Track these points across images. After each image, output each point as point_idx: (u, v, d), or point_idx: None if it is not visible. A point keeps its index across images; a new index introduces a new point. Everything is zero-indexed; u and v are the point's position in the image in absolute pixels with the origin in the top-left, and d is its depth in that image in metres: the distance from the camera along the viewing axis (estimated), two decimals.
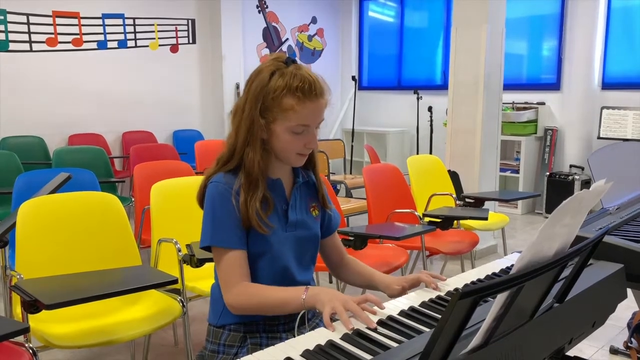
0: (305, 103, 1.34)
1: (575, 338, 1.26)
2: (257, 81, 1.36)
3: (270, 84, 1.34)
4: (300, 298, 1.30)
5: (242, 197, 1.36)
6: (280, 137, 1.37)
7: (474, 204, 3.30)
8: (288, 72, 1.34)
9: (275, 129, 1.37)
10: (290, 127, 1.36)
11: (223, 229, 1.36)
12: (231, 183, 1.38)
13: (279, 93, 1.33)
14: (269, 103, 1.35)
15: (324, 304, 1.25)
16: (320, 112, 1.38)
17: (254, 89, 1.36)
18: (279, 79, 1.34)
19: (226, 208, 1.36)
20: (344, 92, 7.85)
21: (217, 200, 1.37)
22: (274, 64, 1.37)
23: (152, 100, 6.16)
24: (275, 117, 1.36)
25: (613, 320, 1.60)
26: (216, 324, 1.46)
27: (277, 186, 1.45)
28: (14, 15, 5.23)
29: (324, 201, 1.53)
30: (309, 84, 1.34)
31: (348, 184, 5.09)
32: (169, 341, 2.86)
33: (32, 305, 1.54)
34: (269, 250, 1.40)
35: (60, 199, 2.18)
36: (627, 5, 5.53)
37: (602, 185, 1.11)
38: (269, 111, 1.36)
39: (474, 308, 0.80)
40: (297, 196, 1.48)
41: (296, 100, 1.33)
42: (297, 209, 1.47)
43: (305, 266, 1.50)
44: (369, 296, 1.29)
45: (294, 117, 1.34)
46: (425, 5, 7.15)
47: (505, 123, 5.71)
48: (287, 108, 1.34)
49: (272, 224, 1.39)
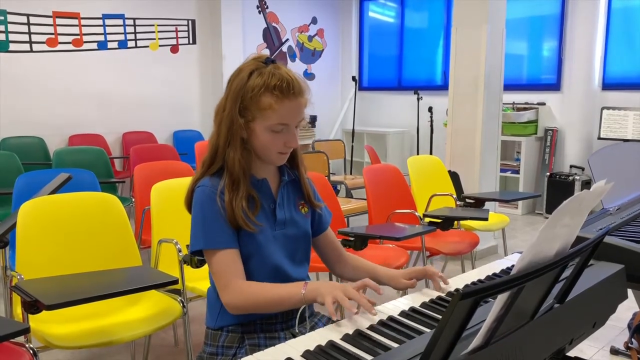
0: (284, 102, 1.34)
1: (576, 338, 1.26)
2: (237, 81, 1.38)
3: (248, 83, 1.35)
4: (300, 293, 1.31)
5: (227, 196, 1.37)
6: (259, 136, 1.38)
7: (474, 205, 3.30)
8: (266, 72, 1.35)
9: (254, 128, 1.38)
10: (269, 126, 1.36)
11: (214, 231, 1.37)
12: (216, 185, 1.39)
13: (257, 92, 1.34)
14: (247, 102, 1.36)
15: (324, 295, 1.26)
16: (299, 111, 1.39)
17: (234, 88, 1.38)
18: (257, 78, 1.35)
19: (214, 210, 1.37)
20: (344, 93, 7.85)
21: (206, 204, 1.38)
22: (254, 64, 1.38)
23: (152, 100, 6.16)
24: (254, 116, 1.37)
25: (613, 320, 1.60)
26: (214, 326, 1.46)
27: (264, 186, 1.45)
28: (14, 16, 5.23)
29: (311, 200, 1.53)
30: (287, 83, 1.34)
31: (348, 185, 5.09)
32: (169, 342, 2.86)
33: (32, 305, 1.54)
34: (258, 249, 1.41)
35: (61, 200, 2.18)
36: (627, 5, 5.53)
37: (602, 186, 1.11)
38: (247, 110, 1.37)
39: (475, 309, 0.80)
40: (284, 194, 1.49)
41: (274, 98, 1.34)
42: (285, 207, 1.47)
43: (298, 264, 1.50)
44: (367, 281, 1.30)
45: (273, 116, 1.35)
46: (425, 5, 7.15)
47: (505, 123, 5.71)
48: (266, 107, 1.35)
49: (260, 222, 1.40)
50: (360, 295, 1.22)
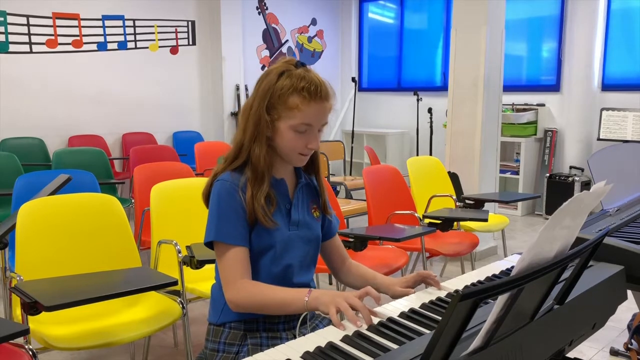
0: (310, 103, 1.38)
1: (576, 339, 1.26)
2: (266, 81, 1.41)
3: (278, 83, 1.39)
4: (303, 300, 1.32)
5: (249, 191, 1.39)
6: (283, 134, 1.41)
7: (473, 206, 3.30)
8: (296, 74, 1.39)
9: (279, 126, 1.40)
10: (293, 126, 1.39)
11: (228, 225, 1.38)
12: (237, 180, 1.41)
13: (285, 91, 1.38)
14: (275, 101, 1.39)
15: (327, 305, 1.26)
16: (324, 114, 1.42)
17: (263, 88, 1.41)
18: (286, 79, 1.39)
19: (232, 205, 1.39)
20: (344, 94, 7.85)
21: (223, 197, 1.40)
22: (284, 66, 1.42)
23: (152, 101, 6.16)
24: (280, 114, 1.40)
25: (613, 321, 1.60)
26: (216, 322, 1.47)
27: (281, 186, 1.48)
28: (14, 17, 5.23)
29: (325, 206, 1.57)
30: (315, 86, 1.38)
31: (348, 186, 5.09)
32: (169, 343, 2.86)
33: (31, 306, 1.54)
34: (273, 246, 1.42)
35: (60, 201, 2.18)
36: (627, 6, 5.54)
37: (602, 187, 1.11)
38: (274, 109, 1.40)
39: (475, 310, 0.80)
40: (300, 196, 1.51)
41: (301, 99, 1.37)
42: (300, 209, 1.50)
43: (306, 267, 1.52)
44: (369, 289, 1.32)
45: (298, 116, 1.38)
46: (425, 6, 7.16)
47: (505, 124, 5.72)
48: (293, 107, 1.38)
49: (276, 221, 1.42)
50: (363, 306, 1.23)
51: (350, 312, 1.22)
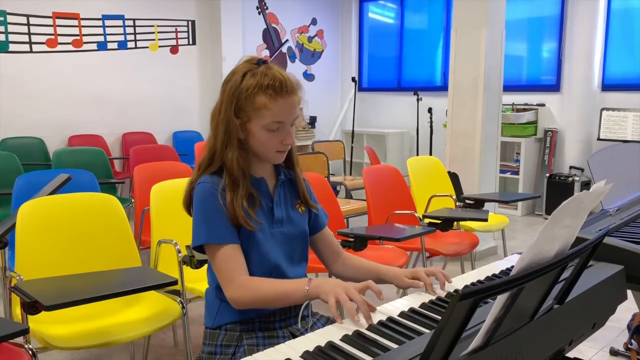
0: (277, 100, 1.37)
1: (576, 339, 1.26)
2: (231, 83, 1.41)
3: (242, 84, 1.39)
4: (304, 289, 1.31)
5: (228, 196, 1.39)
6: (256, 135, 1.40)
7: (473, 206, 3.30)
8: (259, 72, 1.39)
9: (251, 128, 1.40)
10: (264, 125, 1.39)
11: (216, 226, 1.38)
12: (217, 182, 1.41)
13: (250, 92, 1.37)
14: (242, 103, 1.39)
15: (327, 294, 1.26)
16: (293, 109, 1.41)
17: (228, 91, 1.41)
18: (250, 79, 1.38)
19: (215, 205, 1.38)
20: (344, 94, 7.85)
21: (207, 200, 1.39)
22: (246, 66, 1.41)
23: (152, 101, 6.16)
24: (249, 116, 1.39)
25: (613, 321, 1.60)
26: (212, 325, 1.47)
27: (262, 184, 1.47)
28: (14, 17, 5.23)
29: (306, 199, 1.55)
30: (280, 82, 1.37)
31: (348, 185, 5.09)
32: (169, 342, 2.86)
33: (31, 306, 1.54)
34: (257, 248, 1.42)
35: (60, 200, 2.18)
36: (627, 6, 5.54)
37: (602, 187, 1.11)
38: (243, 111, 1.39)
39: (474, 309, 0.80)
40: (281, 193, 1.51)
41: (268, 97, 1.37)
42: (282, 206, 1.49)
43: (296, 263, 1.51)
44: (370, 283, 1.31)
45: (268, 115, 1.38)
46: (425, 6, 7.16)
47: (505, 124, 5.72)
48: (260, 106, 1.37)
49: (259, 220, 1.42)
50: (362, 300, 1.22)
51: (349, 305, 1.22)
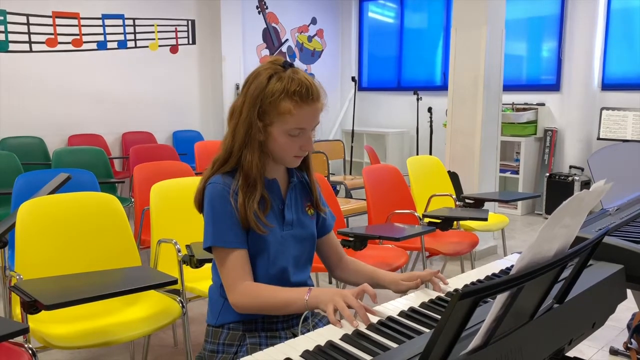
0: (302, 107, 1.36)
1: (575, 339, 1.26)
2: (255, 84, 1.38)
3: (268, 88, 1.36)
4: (304, 299, 1.32)
5: (241, 198, 1.37)
6: (277, 139, 1.39)
7: (473, 205, 3.30)
8: (286, 76, 1.36)
9: (272, 132, 1.39)
10: (287, 130, 1.38)
11: (224, 229, 1.37)
12: (229, 183, 1.40)
13: (277, 97, 1.35)
14: (266, 107, 1.36)
15: (326, 304, 1.26)
16: (316, 116, 1.41)
17: (252, 92, 1.38)
18: (276, 83, 1.35)
19: (226, 208, 1.37)
20: (344, 93, 7.84)
21: (217, 201, 1.38)
22: (272, 67, 1.38)
23: (151, 100, 6.16)
24: (272, 120, 1.37)
25: (613, 321, 1.60)
26: (215, 323, 1.47)
27: (274, 186, 1.47)
28: (13, 16, 5.23)
29: (317, 203, 1.55)
30: (306, 88, 1.36)
31: (348, 185, 5.09)
32: (169, 342, 2.86)
33: (31, 305, 1.54)
34: (266, 250, 1.42)
35: (60, 200, 2.18)
36: (627, 6, 5.53)
37: (602, 186, 1.11)
38: (266, 114, 1.37)
39: (474, 309, 0.80)
40: (293, 196, 1.50)
41: (293, 104, 1.35)
42: (293, 208, 1.49)
43: (302, 266, 1.52)
44: (366, 286, 1.31)
45: (291, 121, 1.36)
46: (425, 6, 7.15)
47: (505, 124, 5.72)
48: (285, 112, 1.35)
49: (270, 224, 1.41)
50: (359, 305, 1.23)
51: (347, 312, 1.22)
